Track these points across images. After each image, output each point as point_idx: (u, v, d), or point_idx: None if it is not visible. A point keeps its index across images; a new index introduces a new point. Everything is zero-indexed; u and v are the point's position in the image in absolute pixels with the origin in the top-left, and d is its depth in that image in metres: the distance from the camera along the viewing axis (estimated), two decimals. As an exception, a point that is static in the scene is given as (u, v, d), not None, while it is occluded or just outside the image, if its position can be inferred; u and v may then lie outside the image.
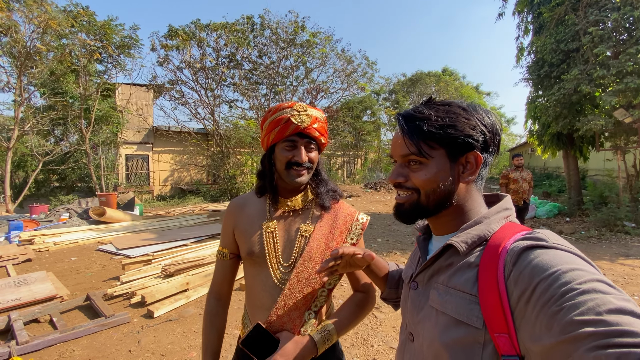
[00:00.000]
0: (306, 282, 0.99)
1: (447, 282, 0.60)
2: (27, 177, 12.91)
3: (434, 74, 23.40)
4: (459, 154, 0.63)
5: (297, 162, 0.99)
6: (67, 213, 8.61)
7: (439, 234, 0.69)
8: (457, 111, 0.63)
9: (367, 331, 3.03)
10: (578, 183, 9.02)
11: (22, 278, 4.09)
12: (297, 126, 0.97)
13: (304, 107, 1.00)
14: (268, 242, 1.02)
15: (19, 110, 10.34)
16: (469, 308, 0.55)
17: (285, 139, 0.99)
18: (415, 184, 0.64)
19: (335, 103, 16.69)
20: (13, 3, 9.70)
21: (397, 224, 7.91)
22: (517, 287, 0.49)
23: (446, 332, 0.57)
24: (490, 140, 0.64)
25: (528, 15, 9.32)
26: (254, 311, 1.03)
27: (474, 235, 0.60)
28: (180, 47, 12.89)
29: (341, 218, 1.08)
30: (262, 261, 1.01)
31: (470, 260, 0.58)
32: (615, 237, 6.34)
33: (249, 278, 1.06)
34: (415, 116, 0.64)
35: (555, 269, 0.46)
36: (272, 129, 0.99)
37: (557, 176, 15.41)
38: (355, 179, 19.98)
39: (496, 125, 0.65)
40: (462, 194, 0.65)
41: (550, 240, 0.52)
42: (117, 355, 2.69)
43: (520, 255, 0.51)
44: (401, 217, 0.69)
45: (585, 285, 0.43)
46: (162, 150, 15.49)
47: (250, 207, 1.08)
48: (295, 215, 1.07)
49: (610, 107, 6.55)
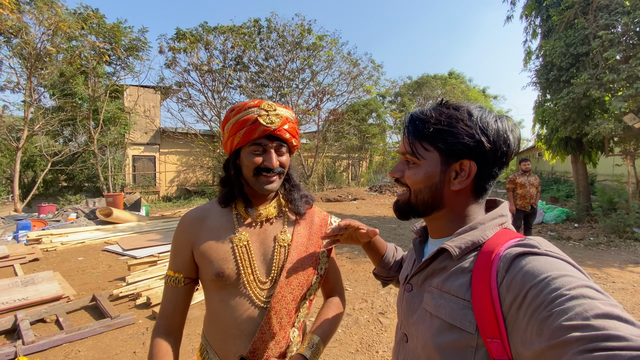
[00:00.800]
0: (290, 297, 0.91)
1: (441, 287, 0.61)
2: (35, 177, 13.09)
3: (440, 77, 23.30)
4: (453, 160, 0.62)
5: (267, 168, 0.88)
6: (75, 213, 8.71)
7: (435, 237, 0.70)
8: (461, 116, 0.61)
9: (372, 337, 3.00)
10: (587, 188, 8.89)
11: (29, 277, 4.13)
12: (266, 128, 0.86)
13: (272, 106, 0.89)
14: (242, 259, 0.89)
15: (29, 110, 10.51)
16: (463, 313, 0.55)
17: (253, 142, 0.88)
18: (407, 182, 0.67)
19: (341, 106, 16.71)
20: (24, 5, 9.88)
21: (402, 228, 7.86)
22: (509, 293, 0.50)
23: (439, 335, 0.58)
24: (491, 152, 0.60)
25: (536, 19, 9.24)
26: (227, 342, 0.88)
27: (467, 241, 0.60)
28: (188, 50, 13.01)
29: (316, 223, 1.02)
30: (235, 282, 0.88)
31: (464, 265, 0.59)
32: (625, 244, 6.23)
33: (214, 303, 0.90)
34: (418, 117, 0.65)
35: (545, 275, 0.47)
36: (237, 130, 0.87)
37: (565, 181, 15.22)
38: (360, 181, 19.94)
39: (505, 135, 0.61)
40: (452, 199, 0.64)
41: (541, 248, 0.53)
42: (122, 356, 2.70)
43: (512, 262, 0.52)
44: (396, 212, 0.72)
45: (574, 291, 0.44)
46: (169, 151, 15.63)
47: (212, 220, 0.93)
48: (268, 224, 0.96)
49: (619, 111, 6.46)
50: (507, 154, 0.62)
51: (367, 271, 4.75)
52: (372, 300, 3.76)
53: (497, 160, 0.62)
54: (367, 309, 3.56)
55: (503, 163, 0.63)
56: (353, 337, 3.00)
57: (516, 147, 0.63)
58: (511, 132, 0.62)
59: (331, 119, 15.68)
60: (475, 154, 0.60)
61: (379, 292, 3.99)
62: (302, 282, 0.94)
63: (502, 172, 0.65)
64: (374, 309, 3.54)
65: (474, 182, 0.63)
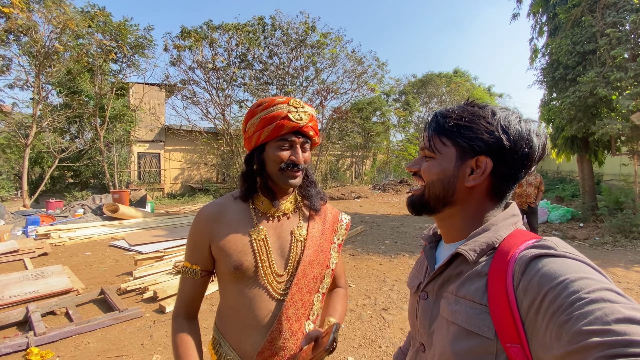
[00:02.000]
0: (306, 289, 0.94)
1: (457, 292, 0.59)
2: (43, 173, 13.26)
3: (445, 75, 23.12)
4: (469, 156, 0.61)
5: (294, 163, 0.90)
6: (82, 209, 8.82)
7: (448, 241, 0.69)
8: (484, 114, 0.61)
9: (375, 332, 3.03)
10: (593, 188, 8.83)
11: (39, 271, 4.21)
12: (295, 124, 0.88)
13: (300, 104, 0.91)
14: (260, 252, 0.91)
15: (37, 108, 10.65)
16: (480, 318, 0.54)
17: (281, 138, 0.90)
18: (422, 175, 0.67)
19: (345, 104, 16.69)
20: (33, 4, 9.99)
21: (406, 226, 7.86)
22: (526, 296, 0.49)
23: (457, 342, 0.56)
24: (510, 151, 0.59)
25: (543, 17, 9.16)
26: (244, 333, 0.91)
27: (482, 243, 0.59)
28: (193, 48, 13.07)
29: (329, 219, 1.05)
30: (253, 274, 0.90)
31: (479, 269, 0.58)
32: (631, 244, 6.19)
33: (231, 296, 0.92)
34: (441, 113, 0.66)
35: (563, 277, 0.46)
36: (265, 125, 0.89)
37: (571, 180, 15.08)
38: (363, 180, 19.93)
39: (528, 137, 0.60)
40: (465, 196, 0.63)
41: (558, 249, 0.51)
42: (130, 348, 2.76)
43: (528, 264, 0.51)
44: (409, 207, 0.71)
45: (593, 294, 0.43)
46: (173, 148, 15.74)
47: (229, 215, 0.94)
48: (285, 219, 0.98)
49: (627, 110, 6.40)
50: (529, 156, 0.61)
51: (370, 268, 4.78)
52: (375, 297, 3.79)
53: (517, 162, 0.60)
54: (370, 305, 3.59)
55: (525, 165, 0.61)
56: (356, 333, 3.03)
57: (540, 151, 0.62)
58: (536, 136, 0.61)
59: (335, 117, 15.69)
60: (493, 152, 0.59)
61: (381, 288, 4.02)
62: (316, 275, 0.97)
63: (524, 175, 0.63)
64: (377, 305, 3.58)
65: (490, 181, 0.62)
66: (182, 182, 16.04)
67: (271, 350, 0.89)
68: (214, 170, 16.42)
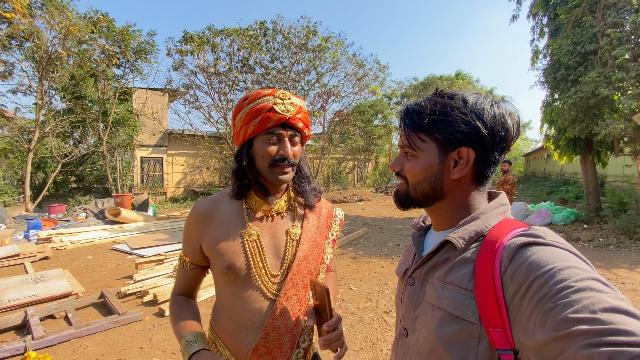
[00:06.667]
0: (301, 285, 0.92)
1: (444, 278, 0.60)
2: (46, 178, 13.34)
3: (446, 78, 23.17)
4: (450, 149, 0.61)
5: (282, 158, 0.87)
6: (84, 213, 8.85)
7: (438, 229, 0.70)
8: (456, 104, 0.60)
9: (377, 335, 3.00)
10: (596, 189, 8.75)
11: (39, 275, 4.21)
12: (281, 116, 0.85)
13: (287, 95, 0.88)
14: (253, 253, 0.89)
15: (40, 113, 10.74)
16: (465, 303, 0.55)
17: (267, 131, 0.86)
18: (405, 175, 0.66)
19: (347, 107, 16.70)
20: (36, 10, 10.11)
21: (408, 229, 7.82)
22: (512, 283, 0.49)
23: (442, 326, 0.57)
24: (489, 137, 0.60)
25: (543, 18, 9.16)
26: (239, 333, 0.90)
27: (471, 231, 0.60)
28: (195, 52, 13.15)
29: (324, 214, 1.04)
30: (246, 275, 0.88)
31: (467, 255, 0.58)
32: (635, 245, 6.11)
33: (226, 296, 0.91)
34: (413, 108, 0.65)
35: (551, 266, 0.46)
36: (251, 119, 0.86)
37: (575, 182, 14.99)
38: (365, 183, 19.90)
39: (502, 120, 0.60)
40: (453, 189, 0.64)
41: (547, 238, 0.52)
42: (129, 352, 2.73)
43: (516, 252, 0.51)
44: (396, 202, 0.71)
45: (580, 283, 0.43)
46: (176, 153, 15.81)
47: (221, 214, 0.92)
48: (279, 218, 0.96)
49: (629, 111, 6.36)
50: (506, 138, 0.61)
51: (372, 271, 4.74)
52: (376, 300, 3.75)
53: (496, 146, 0.61)
54: (372, 307, 3.56)
55: (503, 148, 0.62)
56: (357, 336, 3.00)
57: (516, 131, 0.62)
58: (509, 116, 0.61)
59: (337, 120, 15.68)
60: (472, 141, 0.60)
61: (383, 291, 3.99)
62: (311, 270, 0.96)
63: (503, 157, 0.64)
64: (379, 308, 3.54)
65: (474, 170, 0.62)
66: (185, 186, 16.08)
67: (266, 346, 0.87)
68: (216, 174, 16.46)
